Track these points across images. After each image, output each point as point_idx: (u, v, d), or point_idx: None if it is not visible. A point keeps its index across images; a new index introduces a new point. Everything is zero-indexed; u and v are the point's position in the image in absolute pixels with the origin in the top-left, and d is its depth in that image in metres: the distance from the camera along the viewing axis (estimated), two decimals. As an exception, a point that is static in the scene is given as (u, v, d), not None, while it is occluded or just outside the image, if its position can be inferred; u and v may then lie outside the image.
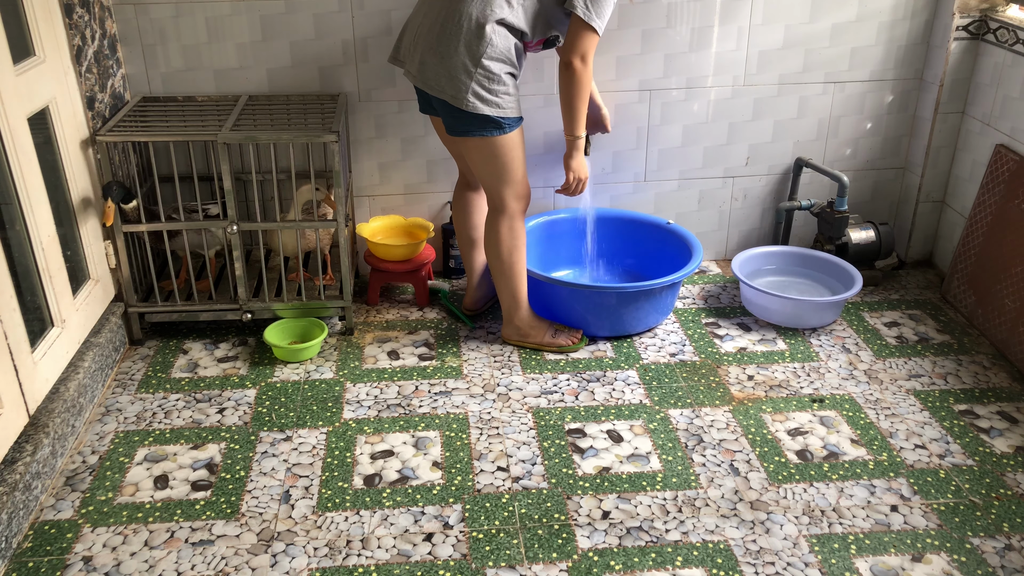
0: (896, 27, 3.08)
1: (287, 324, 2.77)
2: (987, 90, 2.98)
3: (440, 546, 2.00)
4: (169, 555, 1.97)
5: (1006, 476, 2.22)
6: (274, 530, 2.04)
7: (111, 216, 2.51)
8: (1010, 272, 2.74)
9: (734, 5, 2.98)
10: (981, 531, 2.04)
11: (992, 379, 2.63)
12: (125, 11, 2.80)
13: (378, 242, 2.96)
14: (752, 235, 3.38)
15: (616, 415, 2.46)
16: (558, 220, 3.15)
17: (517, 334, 2.77)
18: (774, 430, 2.39)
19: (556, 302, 2.81)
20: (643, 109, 3.11)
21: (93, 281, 2.63)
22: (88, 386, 2.44)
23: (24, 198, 2.22)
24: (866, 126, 3.23)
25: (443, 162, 3.11)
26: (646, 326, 2.85)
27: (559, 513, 2.09)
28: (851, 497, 2.15)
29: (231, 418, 2.44)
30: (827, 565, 1.94)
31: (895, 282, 3.22)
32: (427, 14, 2.44)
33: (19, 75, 2.22)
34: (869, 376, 2.64)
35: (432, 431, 2.39)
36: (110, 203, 2.50)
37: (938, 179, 3.22)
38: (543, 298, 2.84)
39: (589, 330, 2.82)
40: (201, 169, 2.97)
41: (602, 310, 2.77)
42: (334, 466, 2.25)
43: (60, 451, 2.24)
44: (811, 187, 3.30)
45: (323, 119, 2.70)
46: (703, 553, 1.97)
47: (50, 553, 1.97)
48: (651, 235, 3.11)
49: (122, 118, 2.66)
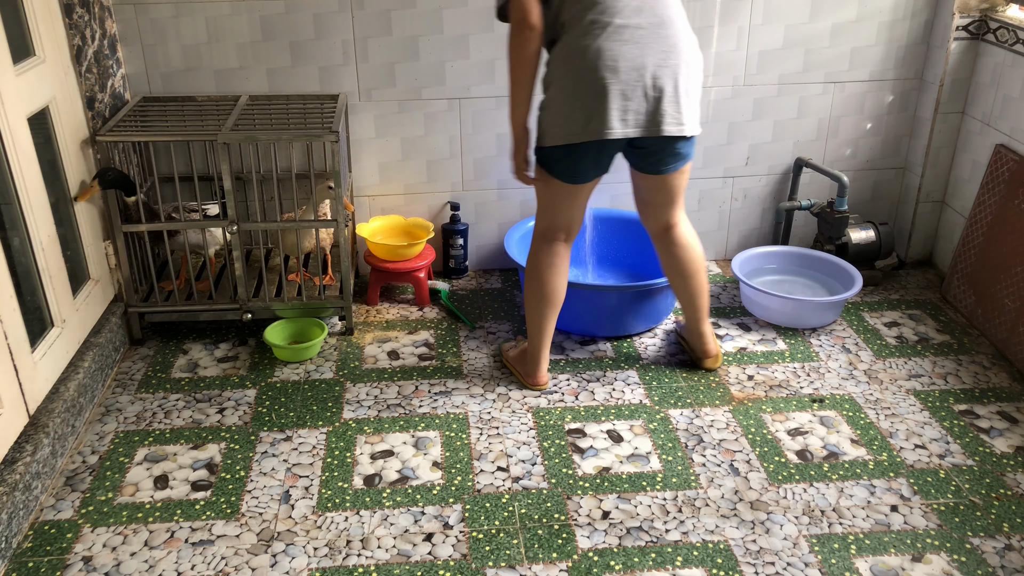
0: (896, 27, 3.08)
1: (287, 324, 2.77)
2: (987, 90, 2.98)
3: (440, 546, 2.00)
4: (169, 555, 1.97)
5: (1006, 476, 2.22)
6: (274, 530, 2.04)
7: (88, 194, 2.48)
8: (1010, 272, 2.74)
9: (734, 5, 2.98)
10: (981, 531, 2.04)
11: (992, 379, 2.63)
12: (125, 11, 2.80)
13: (378, 242, 2.96)
14: (752, 235, 3.38)
15: (616, 415, 2.46)
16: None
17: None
18: (774, 430, 2.39)
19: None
20: (643, 109, 3.11)
21: (93, 281, 2.63)
22: (88, 386, 2.44)
23: (24, 198, 2.22)
24: (866, 126, 3.23)
25: (443, 162, 3.11)
26: (646, 326, 2.85)
27: (559, 513, 2.09)
28: (851, 497, 2.15)
29: (231, 418, 2.44)
30: (827, 565, 1.94)
31: (895, 282, 3.22)
32: (653, 54, 2.15)
33: (19, 75, 2.22)
34: (869, 376, 2.64)
35: (432, 431, 2.39)
36: (95, 184, 2.48)
37: (938, 179, 3.22)
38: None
39: (589, 330, 2.82)
40: (201, 169, 2.97)
41: (601, 310, 2.77)
42: (334, 466, 2.25)
43: (60, 451, 2.24)
44: (811, 187, 3.30)
45: (323, 119, 2.70)
46: (703, 553, 1.97)
47: (50, 553, 1.97)
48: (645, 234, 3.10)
49: (122, 118, 2.66)
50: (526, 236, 3.06)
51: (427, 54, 2.95)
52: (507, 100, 2.23)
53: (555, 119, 2.20)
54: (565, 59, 2.16)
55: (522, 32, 2.10)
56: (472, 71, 2.99)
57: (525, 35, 2.10)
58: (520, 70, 2.16)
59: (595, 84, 2.12)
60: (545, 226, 2.40)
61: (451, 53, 2.95)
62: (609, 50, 2.11)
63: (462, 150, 3.09)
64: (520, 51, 2.13)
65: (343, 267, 2.73)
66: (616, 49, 2.11)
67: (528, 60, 2.14)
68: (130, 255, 2.68)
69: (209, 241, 2.76)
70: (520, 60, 2.14)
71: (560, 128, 2.19)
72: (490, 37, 2.94)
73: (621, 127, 2.15)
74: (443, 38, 2.93)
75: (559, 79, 2.17)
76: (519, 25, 2.10)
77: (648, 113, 2.16)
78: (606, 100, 2.12)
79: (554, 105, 2.20)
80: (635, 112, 2.15)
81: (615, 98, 2.12)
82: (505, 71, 2.25)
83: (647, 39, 2.13)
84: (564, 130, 2.18)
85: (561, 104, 2.17)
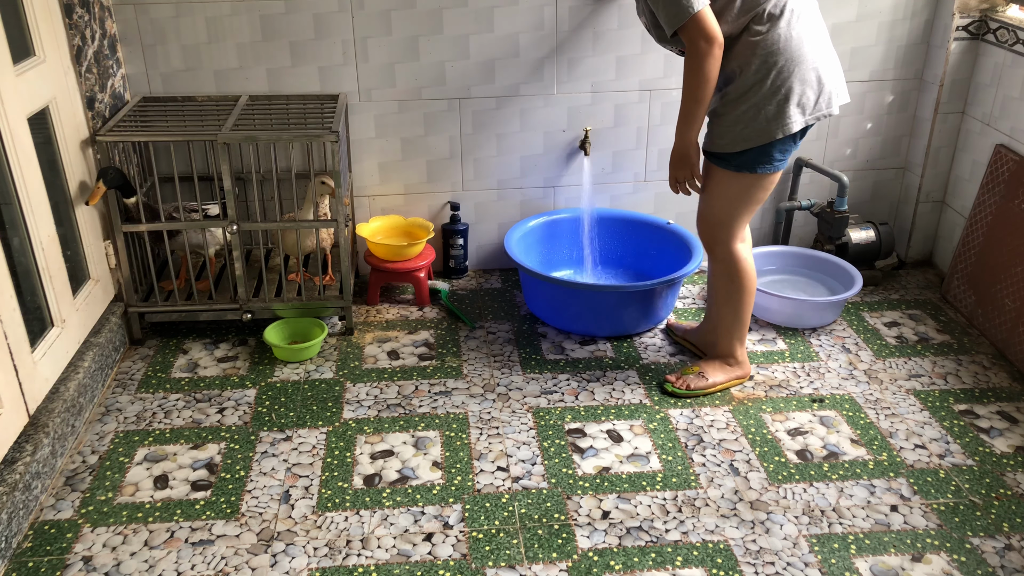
0: (896, 27, 3.08)
1: (287, 324, 2.77)
2: (987, 90, 2.98)
3: (440, 546, 2.00)
4: (169, 555, 1.97)
5: (1006, 476, 2.22)
6: (274, 530, 2.04)
7: (96, 196, 2.48)
8: (1010, 272, 2.74)
9: (734, 5, 2.98)
10: (981, 531, 2.04)
11: (992, 379, 2.63)
12: (125, 11, 2.80)
13: (378, 242, 2.96)
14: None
15: (616, 415, 2.46)
16: (559, 220, 3.15)
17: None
18: (774, 430, 2.39)
19: (556, 302, 2.81)
20: (643, 109, 3.11)
21: (93, 281, 2.63)
22: (88, 386, 2.44)
23: (24, 198, 2.22)
24: (866, 126, 3.23)
25: (443, 162, 3.11)
26: (646, 326, 2.85)
27: (559, 513, 2.09)
28: (851, 497, 2.15)
29: (231, 418, 2.44)
30: (827, 565, 1.94)
31: (895, 282, 3.22)
32: (822, 40, 2.28)
33: (19, 75, 2.22)
34: (869, 376, 2.64)
35: (432, 431, 2.39)
36: (101, 185, 2.48)
37: (938, 179, 3.22)
38: (544, 298, 2.84)
39: (589, 330, 2.82)
40: (201, 169, 2.97)
41: (601, 310, 2.77)
42: (334, 466, 2.25)
43: (60, 451, 2.24)
44: (811, 187, 3.30)
45: (323, 119, 2.70)
46: (703, 553, 1.97)
47: (50, 553, 1.97)
48: (651, 235, 3.11)
49: (122, 118, 2.66)
50: (526, 236, 3.06)
51: (427, 54, 2.95)
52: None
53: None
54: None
55: (713, 51, 2.13)
56: (472, 71, 2.99)
57: (716, 53, 2.13)
58: (706, 88, 2.17)
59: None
60: (739, 225, 2.42)
61: (451, 53, 2.95)
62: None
63: (462, 150, 3.09)
64: (711, 70, 2.15)
65: (343, 267, 2.73)
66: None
67: (714, 78, 2.17)
68: (130, 255, 2.68)
69: (209, 241, 2.76)
70: (709, 79, 2.16)
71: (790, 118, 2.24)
72: (490, 37, 2.94)
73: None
74: (443, 38, 2.93)
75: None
76: (710, 44, 2.12)
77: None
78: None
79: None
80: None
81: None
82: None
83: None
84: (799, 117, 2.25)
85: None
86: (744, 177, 2.32)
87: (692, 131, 2.28)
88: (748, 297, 2.50)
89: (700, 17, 2.11)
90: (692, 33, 2.13)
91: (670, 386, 2.54)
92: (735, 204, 2.37)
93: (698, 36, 2.13)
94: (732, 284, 2.48)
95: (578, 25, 2.95)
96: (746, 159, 2.28)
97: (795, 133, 2.25)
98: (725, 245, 2.44)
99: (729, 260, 2.45)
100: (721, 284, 2.51)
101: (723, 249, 2.45)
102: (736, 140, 2.26)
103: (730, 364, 2.57)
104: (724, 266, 2.47)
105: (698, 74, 2.16)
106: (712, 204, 2.41)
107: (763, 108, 2.21)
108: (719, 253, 2.46)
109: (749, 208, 2.38)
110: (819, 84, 2.24)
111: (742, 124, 2.24)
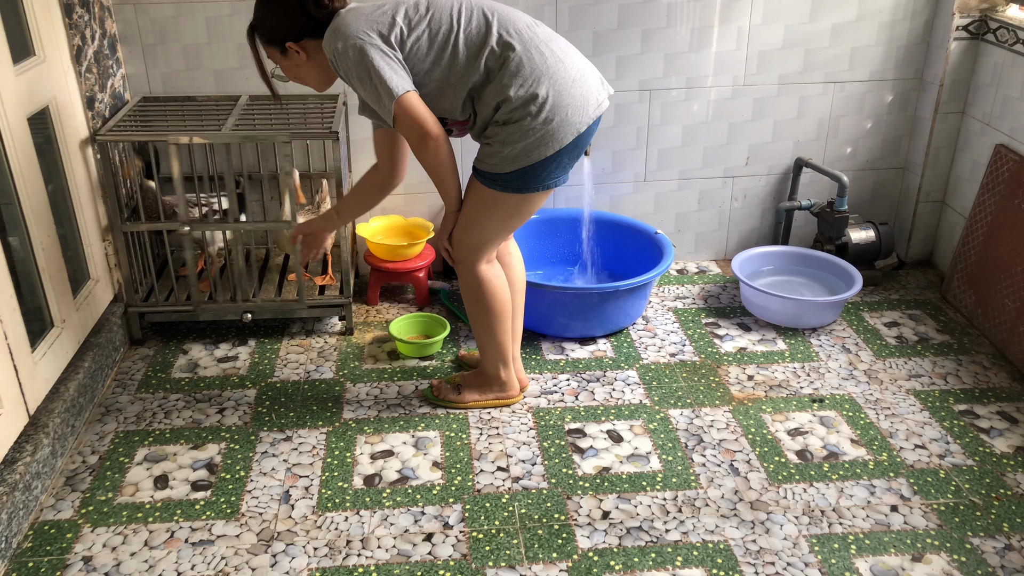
0: (896, 27, 3.08)
1: (409, 320, 2.81)
2: (987, 90, 2.98)
3: (440, 546, 2.00)
4: (169, 555, 1.97)
5: (1006, 476, 2.22)
6: (274, 530, 2.04)
7: (133, 169, 2.55)
8: (1010, 272, 2.74)
9: (734, 5, 2.98)
10: (981, 531, 2.04)
11: (992, 379, 2.63)
12: (125, 11, 2.80)
13: (378, 242, 2.96)
14: (752, 235, 3.37)
15: (616, 415, 2.46)
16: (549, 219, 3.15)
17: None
18: (774, 430, 2.39)
19: (527, 303, 2.76)
20: (643, 109, 3.11)
21: (93, 281, 2.63)
22: (88, 386, 2.44)
23: (24, 198, 2.22)
24: (866, 126, 3.23)
25: (443, 162, 3.11)
26: (613, 327, 2.82)
27: (559, 513, 2.09)
28: (851, 497, 2.15)
29: (231, 418, 2.44)
30: (827, 565, 1.94)
31: (895, 282, 3.22)
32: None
33: (19, 75, 2.22)
34: (869, 376, 2.64)
35: (432, 431, 2.39)
36: (138, 160, 2.52)
37: (938, 179, 3.22)
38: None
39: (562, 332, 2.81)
40: (201, 169, 2.97)
41: (570, 310, 2.75)
42: (334, 466, 2.25)
43: (60, 451, 2.24)
44: (811, 187, 3.30)
45: (323, 119, 2.70)
46: (703, 553, 1.97)
47: (50, 553, 1.97)
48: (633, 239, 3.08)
49: (122, 118, 2.66)
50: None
51: (427, 54, 2.94)
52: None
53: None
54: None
55: (427, 145, 2.02)
56: (472, 71, 2.98)
57: (430, 145, 2.03)
58: (443, 171, 2.09)
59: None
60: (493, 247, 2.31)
61: (451, 53, 2.95)
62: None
63: (462, 150, 3.09)
64: (438, 156, 2.06)
65: (343, 267, 2.73)
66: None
67: (446, 160, 2.08)
68: (130, 255, 2.68)
69: (211, 239, 2.76)
70: (440, 164, 2.07)
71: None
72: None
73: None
74: (443, 38, 2.92)
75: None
76: (422, 139, 2.02)
77: None
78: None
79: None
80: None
81: None
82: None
83: None
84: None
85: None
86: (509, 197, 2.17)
87: (450, 201, 2.18)
88: (498, 319, 2.35)
89: (405, 104, 1.97)
90: (402, 126, 2.01)
91: (429, 390, 2.52)
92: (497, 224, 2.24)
93: (408, 130, 2.01)
94: (478, 306, 2.34)
95: (578, 25, 2.95)
96: (517, 179, 2.14)
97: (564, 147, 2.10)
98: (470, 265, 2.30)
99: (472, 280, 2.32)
100: (469, 305, 2.37)
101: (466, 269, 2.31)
102: (505, 161, 2.11)
103: (491, 386, 2.47)
104: (467, 286, 2.34)
105: (427, 163, 2.07)
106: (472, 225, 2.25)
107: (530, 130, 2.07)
108: (462, 272, 2.32)
109: (499, 226, 2.24)
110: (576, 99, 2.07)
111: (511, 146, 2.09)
